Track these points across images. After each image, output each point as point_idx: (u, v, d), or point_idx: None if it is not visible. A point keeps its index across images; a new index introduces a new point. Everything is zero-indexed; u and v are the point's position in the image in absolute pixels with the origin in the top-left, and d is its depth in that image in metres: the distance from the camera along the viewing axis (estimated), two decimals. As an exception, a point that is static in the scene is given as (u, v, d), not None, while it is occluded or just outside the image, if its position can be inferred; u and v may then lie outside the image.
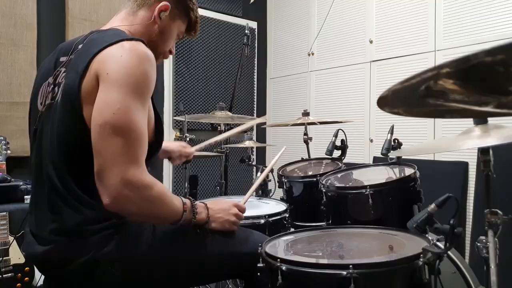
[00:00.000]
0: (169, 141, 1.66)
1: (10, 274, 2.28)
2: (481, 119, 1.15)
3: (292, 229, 1.57)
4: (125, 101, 0.96)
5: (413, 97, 0.53)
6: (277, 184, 1.95)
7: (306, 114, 2.20)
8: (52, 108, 1.08)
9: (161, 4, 1.19)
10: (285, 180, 1.88)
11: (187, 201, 1.12)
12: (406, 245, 1.16)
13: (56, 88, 1.09)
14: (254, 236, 1.26)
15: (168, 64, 3.50)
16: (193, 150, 1.73)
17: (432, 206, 1.12)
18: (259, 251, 1.12)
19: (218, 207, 1.20)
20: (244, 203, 1.31)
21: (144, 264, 1.08)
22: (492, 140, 1.10)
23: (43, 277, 1.15)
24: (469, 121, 1.13)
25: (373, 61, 3.11)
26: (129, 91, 0.97)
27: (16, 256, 2.33)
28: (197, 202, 1.16)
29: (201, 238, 1.18)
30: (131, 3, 1.21)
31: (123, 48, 1.01)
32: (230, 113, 2.39)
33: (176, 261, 1.13)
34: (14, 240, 2.31)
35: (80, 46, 1.11)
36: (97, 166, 0.96)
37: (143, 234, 1.10)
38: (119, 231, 1.05)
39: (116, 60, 1.00)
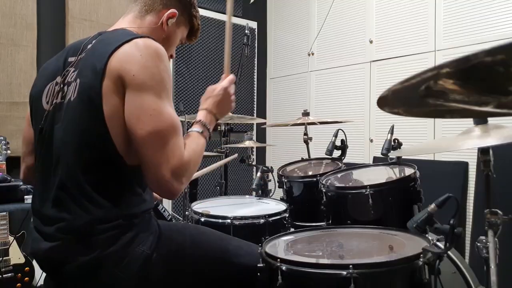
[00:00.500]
0: None
1: (10, 274, 2.28)
2: (481, 119, 1.15)
3: (292, 229, 1.57)
4: (157, 101, 1.02)
5: (413, 97, 0.53)
6: (277, 184, 1.95)
7: (306, 114, 2.20)
8: (63, 108, 1.08)
9: (170, 11, 1.22)
10: (285, 180, 1.88)
11: (200, 128, 1.20)
12: (406, 245, 1.16)
13: (66, 88, 1.09)
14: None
15: (168, 64, 3.50)
16: None
17: (432, 206, 1.12)
18: (259, 251, 1.12)
19: (213, 101, 1.25)
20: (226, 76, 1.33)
21: (146, 267, 1.07)
22: (492, 140, 1.10)
23: (43, 277, 1.15)
24: (469, 121, 1.13)
25: (373, 61, 3.11)
26: (158, 90, 1.03)
27: (16, 256, 2.33)
28: (201, 118, 1.22)
29: (207, 245, 1.18)
30: (139, 8, 1.23)
31: (138, 46, 1.04)
32: (230, 113, 2.39)
33: (178, 268, 1.12)
34: (14, 240, 2.31)
35: (89, 46, 1.12)
36: (151, 176, 1.03)
37: (149, 238, 1.10)
38: (125, 232, 1.05)
39: (137, 61, 1.02)
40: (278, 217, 1.55)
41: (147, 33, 1.19)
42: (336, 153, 2.01)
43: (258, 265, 1.10)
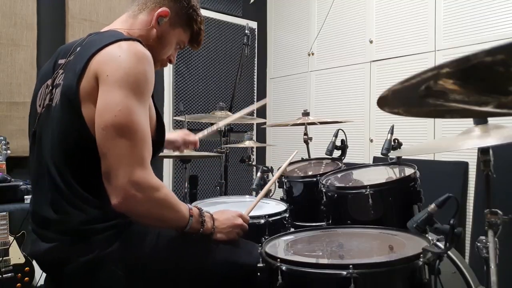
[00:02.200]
0: (171, 132, 1.65)
1: (10, 274, 2.28)
2: (481, 119, 1.15)
3: (292, 229, 1.56)
4: (125, 102, 0.98)
5: (413, 97, 0.53)
6: (277, 184, 1.95)
7: (306, 114, 2.20)
8: (51, 110, 1.09)
9: (160, 9, 1.19)
10: (285, 180, 1.88)
11: (194, 209, 1.13)
12: (406, 245, 1.16)
13: (54, 90, 1.10)
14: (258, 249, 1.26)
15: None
16: (196, 137, 1.71)
17: (432, 206, 1.12)
18: (259, 251, 1.12)
19: (224, 217, 1.21)
20: (248, 214, 1.32)
21: (146, 266, 1.08)
22: (492, 140, 1.10)
23: (43, 277, 1.15)
24: (469, 121, 1.13)
25: (373, 61, 3.11)
26: (129, 92, 0.98)
27: (16, 256, 2.33)
28: (204, 212, 1.17)
29: (205, 244, 1.18)
30: (134, 7, 1.22)
31: (121, 48, 1.02)
32: (230, 113, 2.39)
33: (178, 265, 1.13)
34: (14, 240, 2.31)
35: (78, 48, 1.11)
36: (104, 168, 0.98)
37: (148, 236, 1.10)
38: (123, 231, 1.06)
39: (115, 61, 1.00)
40: (278, 217, 1.54)
41: (137, 33, 1.18)
42: (336, 153, 2.01)
43: (258, 265, 1.10)
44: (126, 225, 1.07)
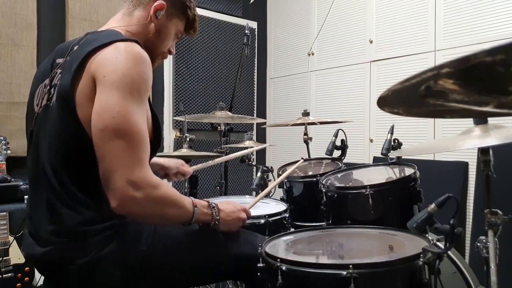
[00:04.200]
0: (167, 159, 1.69)
1: (10, 274, 2.28)
2: (481, 119, 1.15)
3: (292, 229, 1.56)
4: (123, 104, 0.97)
5: (413, 97, 0.53)
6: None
7: (306, 114, 2.20)
8: (49, 110, 1.08)
9: (156, 3, 1.18)
10: (285, 180, 1.87)
11: (198, 201, 1.12)
12: (406, 245, 1.15)
13: (52, 90, 1.09)
14: (257, 238, 1.26)
15: (168, 64, 3.50)
16: (190, 169, 1.73)
17: (432, 206, 1.12)
18: (259, 251, 1.12)
19: (229, 209, 1.20)
20: (250, 208, 1.32)
21: (144, 264, 1.08)
22: (492, 140, 1.10)
23: (43, 277, 1.15)
24: (469, 121, 1.13)
25: (373, 61, 3.11)
26: (126, 93, 0.98)
27: (16, 256, 2.33)
28: (212, 203, 1.16)
29: (202, 238, 1.18)
30: (128, 4, 1.21)
31: (117, 49, 1.02)
32: (230, 113, 2.39)
33: (175, 262, 1.13)
34: (14, 240, 2.31)
35: (76, 47, 1.11)
36: (102, 171, 0.97)
37: (143, 235, 1.10)
38: (119, 232, 1.05)
39: (112, 62, 1.00)
40: (278, 217, 1.55)
41: (136, 30, 1.18)
42: (336, 153, 2.01)
43: (258, 265, 1.10)
44: (122, 226, 1.06)
